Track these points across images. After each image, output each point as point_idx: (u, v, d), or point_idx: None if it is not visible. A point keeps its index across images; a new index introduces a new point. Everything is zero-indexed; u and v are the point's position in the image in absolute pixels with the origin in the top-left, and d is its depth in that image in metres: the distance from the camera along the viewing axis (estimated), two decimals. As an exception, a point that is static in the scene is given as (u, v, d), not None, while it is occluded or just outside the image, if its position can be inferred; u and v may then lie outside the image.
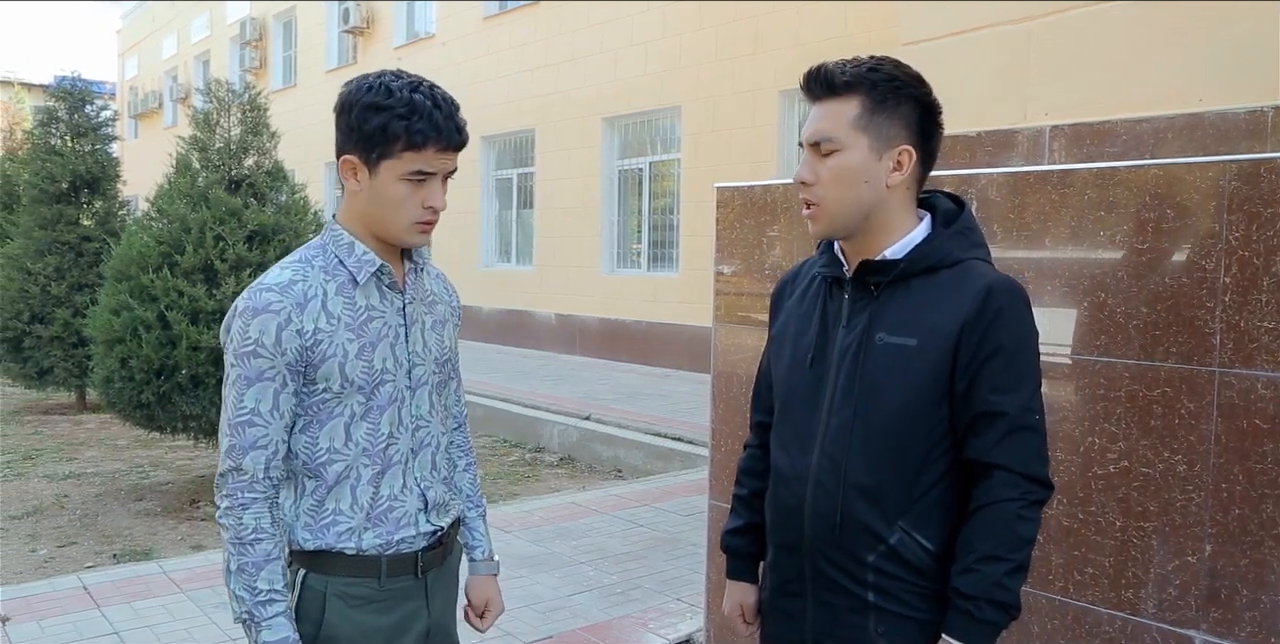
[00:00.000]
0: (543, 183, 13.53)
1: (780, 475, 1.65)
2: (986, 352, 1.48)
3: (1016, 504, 1.47)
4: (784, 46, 9.97)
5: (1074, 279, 2.44)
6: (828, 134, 1.52)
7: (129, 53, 28.76)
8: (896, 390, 1.51)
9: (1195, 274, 2.21)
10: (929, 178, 1.64)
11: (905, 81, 1.53)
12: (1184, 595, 2.24)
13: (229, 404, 1.59)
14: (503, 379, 10.18)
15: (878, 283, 1.55)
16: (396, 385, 1.66)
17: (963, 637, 1.47)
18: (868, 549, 1.53)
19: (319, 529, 1.63)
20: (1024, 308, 1.53)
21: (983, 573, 1.46)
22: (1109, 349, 2.36)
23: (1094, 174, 2.41)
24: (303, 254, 1.65)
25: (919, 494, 1.52)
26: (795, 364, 1.64)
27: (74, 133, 9.55)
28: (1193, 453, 2.23)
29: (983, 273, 1.53)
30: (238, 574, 1.57)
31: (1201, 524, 2.22)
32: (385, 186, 1.57)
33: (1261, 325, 2.11)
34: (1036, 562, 2.52)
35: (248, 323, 1.55)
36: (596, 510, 5.63)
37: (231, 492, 1.60)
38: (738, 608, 1.83)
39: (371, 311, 1.63)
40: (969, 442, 1.51)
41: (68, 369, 8.83)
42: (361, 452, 1.63)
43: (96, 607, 3.96)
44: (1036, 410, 1.51)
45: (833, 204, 1.53)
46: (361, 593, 1.65)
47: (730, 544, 1.84)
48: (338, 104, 1.59)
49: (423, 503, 1.71)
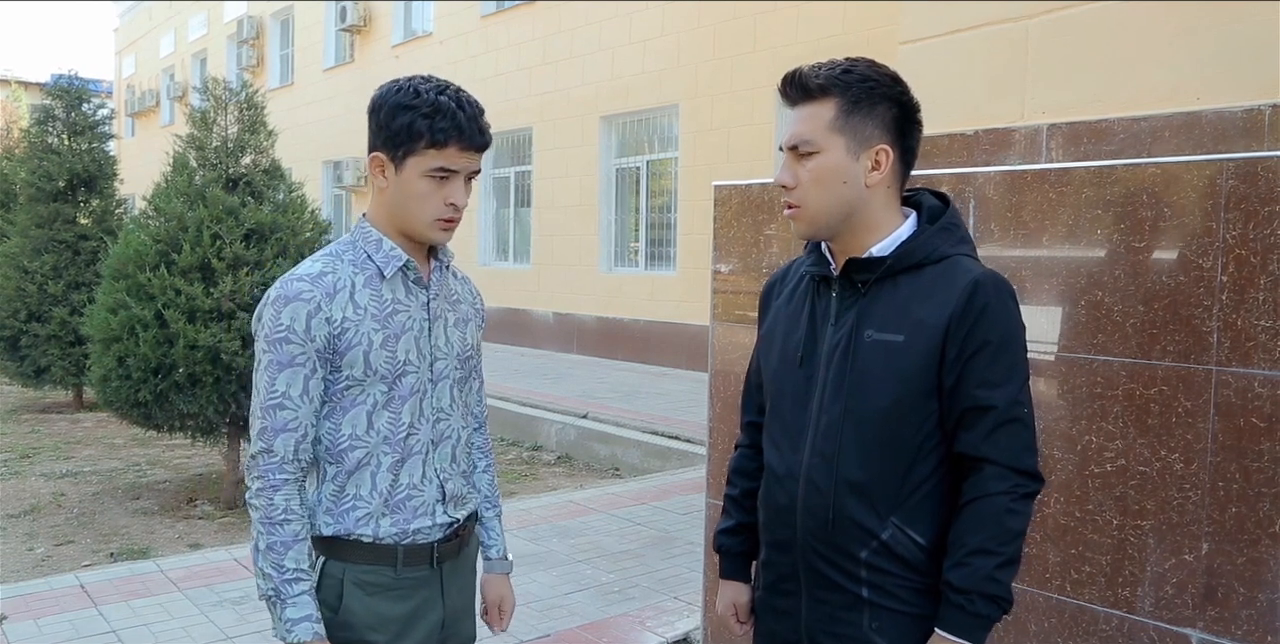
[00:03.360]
0: (540, 181, 13.53)
1: (772, 473, 1.66)
2: (974, 346, 1.48)
3: (1006, 497, 1.48)
4: (783, 45, 9.96)
5: (1071, 277, 2.44)
6: (805, 137, 1.54)
7: (126, 51, 28.72)
8: (886, 386, 1.52)
9: (1192, 273, 2.21)
10: (928, 176, 1.65)
11: (880, 82, 1.54)
12: (1181, 594, 2.25)
13: (260, 388, 1.65)
14: (501, 377, 10.18)
15: (865, 280, 1.56)
16: (419, 377, 1.72)
17: (956, 630, 1.48)
18: (860, 545, 1.54)
19: (339, 514, 1.69)
20: (1010, 302, 1.53)
21: (974, 567, 1.46)
22: (1106, 347, 2.37)
23: (1091, 173, 2.41)
24: (333, 249, 1.73)
25: (910, 489, 1.53)
26: (785, 363, 1.65)
27: (71, 131, 9.54)
28: (1190, 451, 2.23)
29: (969, 268, 1.53)
30: (266, 553, 1.62)
31: (1198, 522, 2.22)
32: (410, 182, 1.64)
33: (1259, 324, 2.11)
34: (1033, 560, 2.52)
35: (279, 310, 1.62)
36: (594, 509, 5.63)
37: (263, 473, 1.64)
38: (731, 607, 1.83)
39: (397, 304, 1.70)
40: (958, 436, 1.52)
41: (65, 367, 8.82)
42: (383, 439, 1.69)
43: (94, 605, 3.95)
44: (1025, 404, 1.52)
45: (814, 205, 1.55)
46: (378, 580, 1.70)
47: (723, 544, 1.84)
48: (370, 105, 1.68)
49: (441, 494, 1.77)
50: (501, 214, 14.81)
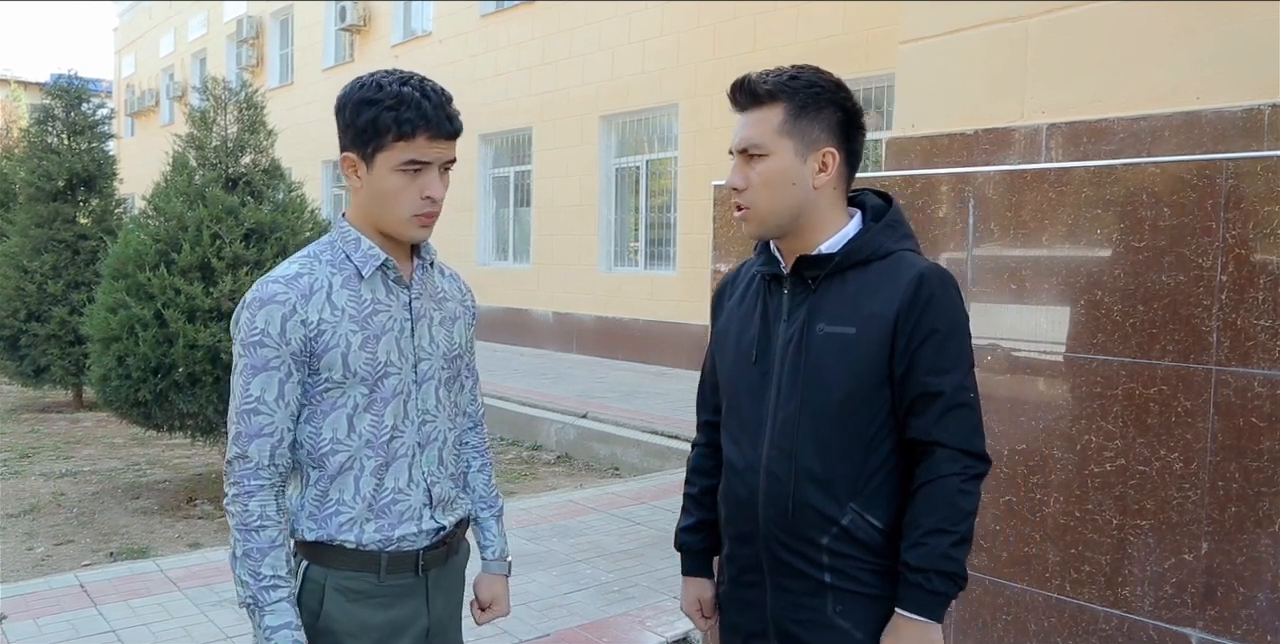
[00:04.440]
0: (540, 181, 13.52)
1: (732, 468, 1.71)
2: (922, 335, 1.55)
3: (957, 479, 1.55)
4: (782, 45, 9.95)
5: (1071, 277, 2.44)
6: (754, 140, 1.60)
7: (126, 51, 28.72)
8: (840, 377, 1.58)
9: (1192, 272, 2.22)
10: (928, 176, 1.65)
11: (825, 88, 1.61)
12: (1180, 593, 2.25)
13: (236, 392, 1.62)
14: (500, 377, 10.17)
15: (815, 276, 1.63)
16: (402, 379, 1.68)
17: (915, 608, 1.54)
18: (821, 532, 1.60)
19: (322, 519, 1.65)
20: (954, 294, 1.60)
21: (931, 546, 1.53)
22: (1105, 347, 2.37)
23: (1091, 172, 2.41)
24: (312, 250, 1.70)
25: (867, 475, 1.59)
26: (740, 361, 1.71)
27: (70, 131, 9.53)
28: (1189, 451, 2.23)
29: (913, 262, 1.60)
30: (243, 560, 1.59)
31: (1198, 522, 2.22)
32: (382, 179, 1.60)
33: (1258, 323, 2.11)
34: (1033, 559, 2.52)
35: (255, 313, 1.59)
36: (593, 509, 5.63)
37: (239, 478, 1.61)
38: (696, 603, 1.88)
39: (377, 305, 1.66)
40: (910, 422, 1.58)
41: (64, 367, 8.82)
42: (365, 443, 1.66)
43: (93, 605, 3.95)
44: (971, 389, 1.59)
45: (764, 206, 1.62)
46: (360, 587, 1.66)
47: (684, 541, 1.90)
48: (336, 105, 1.64)
49: (428, 498, 1.72)
50: (501, 214, 14.81)
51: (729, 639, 1.79)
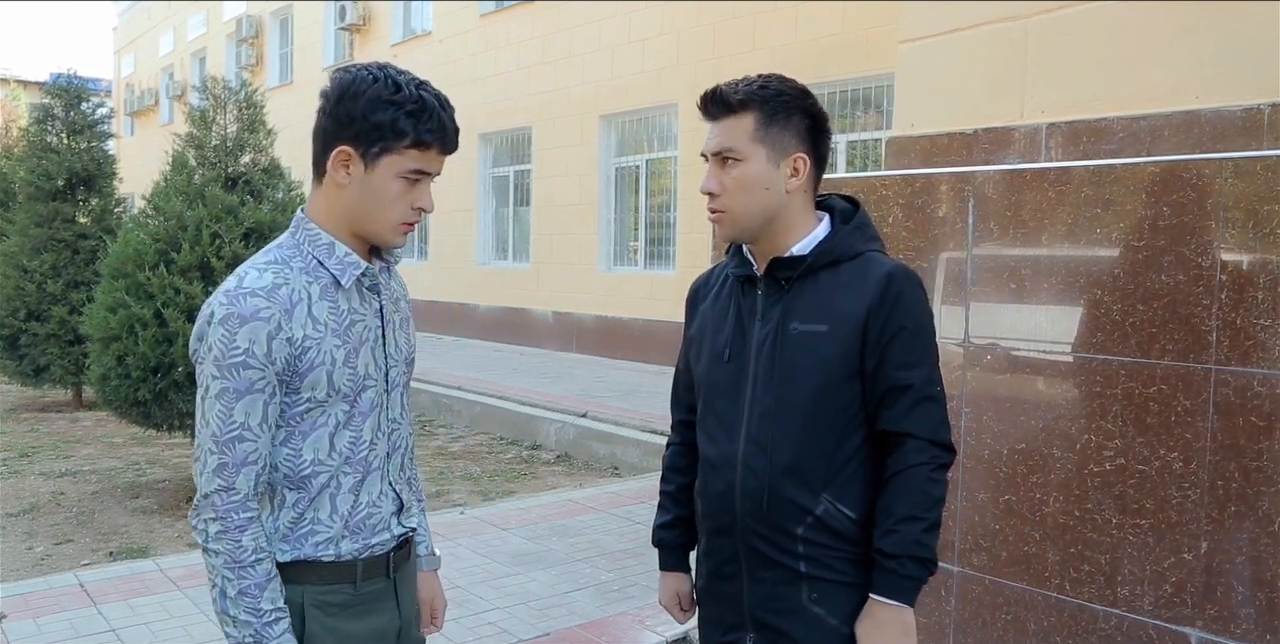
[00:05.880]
0: (540, 180, 13.52)
1: (709, 464, 1.75)
2: (891, 332, 1.61)
3: (927, 468, 1.61)
4: (782, 44, 9.96)
5: (1070, 277, 2.44)
6: (729, 146, 1.67)
7: (125, 50, 28.71)
8: (813, 372, 1.64)
9: (1192, 272, 2.22)
10: (928, 176, 1.65)
11: (793, 96, 1.67)
12: (1180, 592, 2.25)
13: (212, 419, 1.48)
14: (499, 377, 10.17)
15: (788, 278, 1.68)
16: (378, 390, 1.62)
17: (889, 593, 1.60)
18: (796, 522, 1.65)
19: (296, 540, 1.58)
20: (920, 292, 1.67)
21: (903, 533, 1.58)
22: (1105, 347, 2.37)
23: (1091, 172, 2.41)
24: (278, 255, 1.56)
25: (839, 466, 1.65)
26: (714, 360, 1.76)
27: (70, 130, 9.53)
28: (1189, 450, 2.23)
29: (881, 262, 1.66)
30: (238, 599, 1.49)
31: (1198, 521, 2.22)
32: (381, 182, 1.53)
33: (1258, 323, 2.11)
34: (1033, 558, 2.52)
35: (233, 331, 1.45)
36: (593, 508, 5.63)
37: (224, 514, 1.49)
38: (674, 597, 1.95)
39: (354, 315, 1.59)
40: (880, 414, 1.64)
41: (64, 366, 8.82)
42: (344, 461, 1.59)
43: (93, 604, 3.95)
44: (937, 382, 1.66)
45: (738, 210, 1.68)
46: (337, 599, 1.61)
47: (661, 537, 1.95)
48: (334, 92, 1.53)
49: (396, 506, 1.69)
50: (501, 213, 14.81)
51: (708, 632, 1.84)
